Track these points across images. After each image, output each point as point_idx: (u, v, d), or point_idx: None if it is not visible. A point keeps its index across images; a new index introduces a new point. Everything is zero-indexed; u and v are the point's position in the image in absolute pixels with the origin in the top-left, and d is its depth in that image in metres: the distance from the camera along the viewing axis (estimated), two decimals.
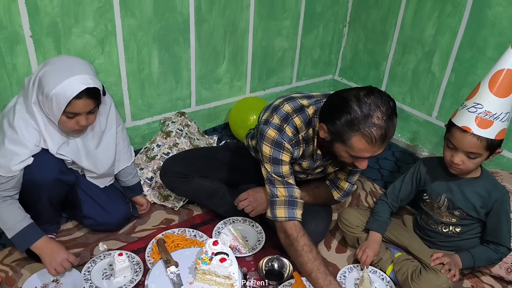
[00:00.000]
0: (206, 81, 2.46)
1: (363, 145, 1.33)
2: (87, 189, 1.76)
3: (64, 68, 1.47)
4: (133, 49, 2.12)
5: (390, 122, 1.31)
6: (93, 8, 1.93)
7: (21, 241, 1.53)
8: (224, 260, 1.34)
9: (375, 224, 1.75)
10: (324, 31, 2.86)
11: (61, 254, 1.53)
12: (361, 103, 1.30)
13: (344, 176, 1.74)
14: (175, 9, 2.16)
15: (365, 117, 1.30)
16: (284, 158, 1.53)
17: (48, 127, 1.54)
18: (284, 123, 1.52)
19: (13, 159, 1.46)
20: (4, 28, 1.76)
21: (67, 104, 1.45)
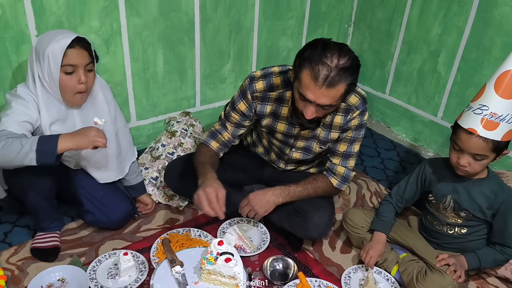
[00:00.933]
0: (211, 80, 2.46)
1: (308, 80, 1.41)
2: (84, 184, 1.75)
3: (54, 32, 1.56)
4: (138, 49, 2.12)
5: (340, 72, 1.38)
6: (99, 8, 1.93)
7: (46, 148, 1.39)
8: (229, 260, 1.34)
9: (379, 224, 1.74)
10: (329, 30, 2.85)
11: (89, 132, 1.45)
12: (325, 47, 1.40)
13: (339, 160, 1.74)
14: (180, 8, 2.16)
15: (320, 55, 1.38)
16: (240, 106, 1.72)
17: (48, 99, 1.56)
18: (261, 78, 1.68)
19: (22, 116, 1.49)
20: (10, 27, 1.76)
21: (63, 55, 1.48)
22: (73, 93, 1.57)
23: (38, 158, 1.37)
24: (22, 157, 1.37)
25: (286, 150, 1.81)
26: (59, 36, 1.51)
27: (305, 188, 1.72)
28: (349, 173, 1.77)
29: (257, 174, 1.95)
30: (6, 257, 1.69)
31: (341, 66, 1.38)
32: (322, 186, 1.75)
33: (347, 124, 1.68)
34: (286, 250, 1.82)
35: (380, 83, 2.83)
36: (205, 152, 1.78)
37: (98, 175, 1.77)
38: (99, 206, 1.76)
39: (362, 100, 1.66)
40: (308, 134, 1.73)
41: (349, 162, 1.75)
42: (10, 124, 1.46)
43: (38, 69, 1.53)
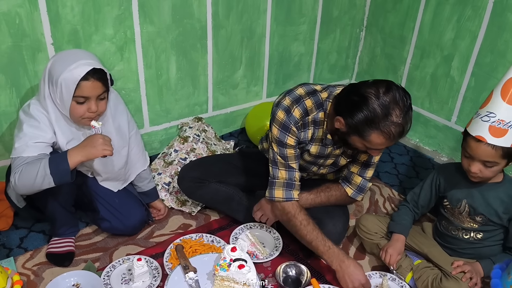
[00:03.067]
0: (223, 86, 2.47)
1: (381, 140, 1.40)
2: (101, 193, 1.78)
3: (70, 56, 1.52)
4: (152, 56, 2.15)
5: (407, 117, 1.37)
6: (113, 16, 1.95)
7: (59, 168, 1.44)
8: (243, 267, 1.34)
9: (398, 226, 1.73)
10: (341, 35, 2.85)
11: (95, 141, 1.48)
12: (380, 101, 1.35)
13: (357, 169, 1.73)
14: (193, 15, 2.18)
15: (385, 116, 1.35)
16: (289, 141, 1.60)
17: (59, 120, 1.55)
18: (294, 105, 1.58)
19: (32, 139, 1.48)
20: (27, 36, 1.80)
21: (76, 86, 1.46)
22: (82, 118, 1.56)
23: (55, 180, 1.44)
24: (40, 183, 1.43)
25: (313, 168, 1.80)
26: (74, 64, 1.47)
27: (318, 196, 1.72)
28: (365, 183, 1.76)
29: None
30: (22, 262, 1.72)
31: (405, 113, 1.37)
32: (335, 194, 1.75)
33: None
34: (299, 256, 1.81)
35: None
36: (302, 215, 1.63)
37: (105, 183, 1.79)
38: (115, 213, 1.78)
39: None
40: (339, 152, 1.72)
41: (368, 172, 1.74)
42: (23, 148, 1.48)
43: (50, 90, 1.52)
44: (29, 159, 1.46)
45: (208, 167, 1.93)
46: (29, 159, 1.46)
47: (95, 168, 1.71)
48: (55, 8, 1.80)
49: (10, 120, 1.92)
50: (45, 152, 1.50)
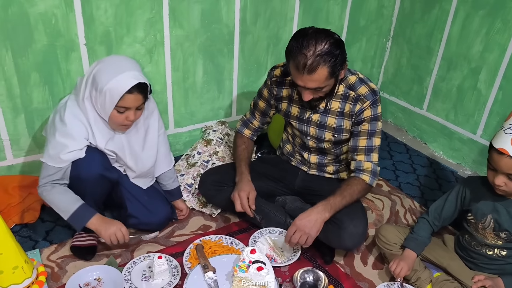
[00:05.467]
0: (248, 91, 2.50)
1: (293, 70, 1.58)
2: (131, 189, 1.83)
3: (117, 65, 1.57)
4: (179, 59, 2.19)
5: (318, 58, 1.52)
6: (144, 19, 2.01)
7: (77, 220, 1.62)
8: (261, 269, 1.36)
9: (412, 242, 1.71)
10: (367, 44, 2.85)
11: (113, 226, 1.65)
12: (303, 37, 1.54)
13: (362, 156, 1.78)
14: (221, 21, 2.22)
15: (299, 47, 1.53)
16: (264, 92, 1.92)
17: (97, 122, 1.61)
18: (280, 67, 1.84)
19: (63, 150, 1.55)
20: (62, 36, 1.87)
21: (120, 98, 1.53)
22: (119, 125, 1.64)
23: (69, 221, 1.63)
24: (58, 211, 1.63)
25: (304, 139, 1.90)
26: (120, 76, 1.53)
27: (343, 196, 1.73)
28: (376, 167, 1.79)
29: (290, 184, 1.98)
30: (47, 254, 1.77)
31: (318, 53, 1.51)
32: (357, 188, 1.76)
33: (360, 115, 1.73)
34: (317, 262, 1.81)
35: (417, 98, 2.79)
36: (241, 143, 1.99)
37: (136, 180, 1.84)
38: (143, 210, 1.83)
39: (371, 91, 1.72)
40: (317, 120, 1.80)
41: (373, 156, 1.79)
42: (56, 160, 1.57)
43: (92, 94, 1.57)
44: (58, 173, 1.58)
45: (227, 171, 1.96)
46: (57, 174, 1.58)
47: (129, 165, 1.76)
48: (90, 10, 1.87)
49: (42, 117, 1.99)
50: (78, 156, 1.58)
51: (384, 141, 2.81)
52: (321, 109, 1.78)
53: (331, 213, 1.69)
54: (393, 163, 2.59)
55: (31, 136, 2.00)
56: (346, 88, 1.73)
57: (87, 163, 1.60)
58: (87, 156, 1.60)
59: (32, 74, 1.88)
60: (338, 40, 1.58)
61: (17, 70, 1.84)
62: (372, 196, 2.26)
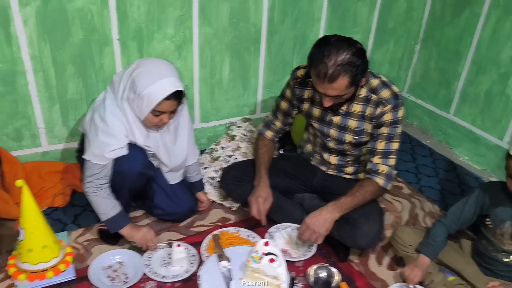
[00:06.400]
0: (273, 89, 2.55)
1: (314, 77, 1.61)
2: (160, 182, 1.92)
3: (156, 71, 1.62)
4: (207, 56, 2.26)
5: (338, 68, 1.54)
6: (175, 16, 2.09)
7: (112, 225, 1.74)
8: (273, 261, 1.40)
9: (427, 248, 1.71)
10: (395, 46, 2.85)
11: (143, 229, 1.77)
12: (326, 46, 1.56)
13: (379, 159, 1.78)
14: (249, 20, 2.28)
15: (320, 55, 1.56)
16: (287, 93, 1.94)
17: (135, 121, 1.69)
18: (303, 68, 1.84)
19: (106, 148, 1.63)
20: (96, 31, 1.97)
21: (157, 104, 1.60)
22: (153, 126, 1.72)
23: (105, 223, 1.74)
24: (97, 213, 1.74)
25: (324, 140, 1.91)
26: (159, 82, 1.58)
27: (355, 196, 1.75)
28: (391, 171, 1.79)
29: (308, 182, 2.01)
30: (74, 236, 1.88)
31: (339, 63, 1.54)
32: (370, 189, 1.77)
33: (380, 118, 1.73)
34: (331, 259, 1.84)
35: (444, 102, 2.77)
36: (262, 146, 2.01)
37: (168, 175, 1.93)
38: (168, 201, 1.91)
39: (393, 95, 1.72)
40: (339, 122, 1.82)
41: (390, 160, 1.78)
42: (100, 158, 1.64)
43: (130, 96, 1.64)
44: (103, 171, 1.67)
45: (248, 167, 2.01)
46: (102, 172, 1.67)
47: (163, 160, 1.85)
48: (124, 6, 1.96)
49: (75, 107, 2.10)
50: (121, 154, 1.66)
51: (408, 144, 2.80)
52: (343, 112, 1.80)
53: (341, 213, 1.72)
54: (415, 166, 2.58)
55: (64, 125, 2.11)
56: (368, 91, 1.74)
57: (129, 161, 1.69)
58: (129, 154, 1.69)
59: (68, 67, 1.99)
60: (360, 50, 1.59)
61: (54, 62, 1.95)
62: (391, 198, 2.27)
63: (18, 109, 1.99)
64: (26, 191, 1.52)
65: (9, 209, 1.86)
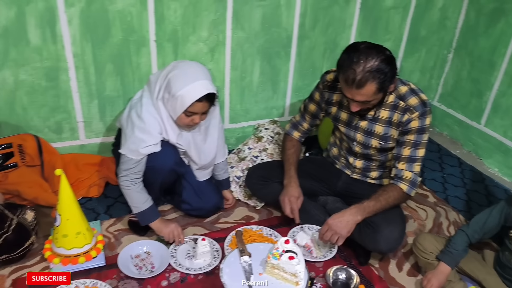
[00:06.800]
0: (301, 93, 2.59)
1: (342, 83, 1.65)
2: (189, 178, 1.99)
3: (190, 73, 1.70)
4: (239, 59, 2.34)
5: (367, 74, 1.57)
6: (209, 20, 2.17)
7: (143, 218, 1.83)
8: (293, 258, 1.44)
9: (447, 256, 1.71)
10: (426, 55, 2.84)
11: (172, 224, 1.85)
12: (355, 52, 1.59)
13: (404, 165, 1.79)
14: (281, 25, 2.33)
15: (349, 61, 1.59)
16: (315, 96, 1.98)
17: (169, 119, 1.78)
18: (333, 72, 1.86)
19: (141, 144, 1.72)
20: (135, 32, 2.07)
21: (189, 105, 1.68)
22: (185, 125, 1.79)
23: (137, 216, 1.84)
24: (129, 205, 1.84)
25: (351, 144, 1.94)
26: (193, 84, 1.66)
27: (378, 201, 1.77)
28: (416, 177, 1.79)
29: (332, 185, 2.04)
30: (106, 226, 1.98)
31: (367, 69, 1.56)
32: (393, 195, 1.79)
33: (407, 125, 1.74)
34: (351, 262, 1.87)
35: (475, 112, 2.74)
36: (290, 146, 2.05)
37: (198, 172, 2.00)
38: (195, 198, 1.99)
39: (421, 102, 1.73)
40: (365, 127, 1.84)
41: (415, 167, 1.79)
42: (135, 153, 1.73)
43: (165, 96, 1.73)
44: (138, 166, 1.76)
45: (273, 168, 2.07)
46: (137, 167, 1.76)
47: (193, 158, 1.93)
48: (161, 9, 2.06)
49: (112, 104, 2.21)
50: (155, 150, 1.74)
51: (437, 153, 2.78)
52: (370, 117, 1.82)
53: (363, 216, 1.75)
54: (443, 176, 2.56)
55: (101, 120, 2.23)
56: (396, 98, 1.76)
57: (162, 157, 1.78)
58: (162, 150, 1.77)
59: (107, 65, 2.10)
60: (389, 57, 1.61)
61: (94, 60, 2.07)
62: (416, 206, 2.27)
63: (59, 104, 2.11)
64: (64, 180, 1.62)
65: (48, 197, 1.98)
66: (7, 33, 1.87)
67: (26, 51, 1.93)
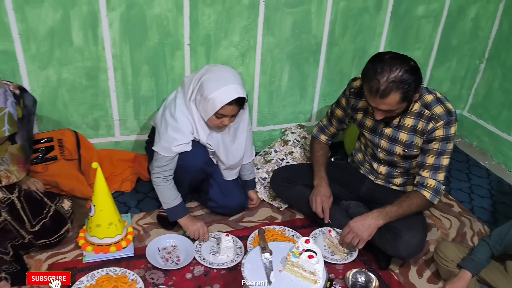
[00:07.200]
0: (329, 99, 2.63)
1: (367, 92, 1.68)
2: (216, 177, 2.07)
3: (222, 78, 1.79)
4: (268, 64, 2.40)
5: (390, 84, 1.59)
6: (241, 26, 2.25)
7: (173, 214, 1.92)
8: (312, 257, 1.48)
9: (469, 263, 1.71)
10: (457, 65, 2.83)
11: (198, 223, 1.93)
12: (379, 62, 1.62)
13: (428, 173, 1.80)
14: (311, 31, 2.39)
15: (373, 72, 1.62)
16: (342, 101, 2.02)
17: (200, 120, 1.86)
18: (359, 79, 1.86)
19: (173, 142, 1.81)
20: (170, 36, 2.17)
21: (220, 108, 1.76)
22: (215, 126, 1.88)
23: (166, 211, 1.92)
24: (161, 199, 1.92)
25: (375, 150, 1.96)
26: (224, 88, 1.74)
27: (400, 206, 1.79)
28: (439, 186, 1.80)
29: (356, 190, 2.07)
30: (136, 219, 2.08)
31: (391, 80, 1.59)
32: (416, 201, 1.80)
33: (432, 133, 1.76)
34: (371, 266, 1.89)
35: (506, 124, 2.70)
36: (319, 148, 2.13)
37: (226, 172, 2.08)
38: (221, 196, 2.06)
39: (446, 111, 1.74)
40: (390, 134, 1.86)
41: (439, 175, 1.80)
42: (168, 151, 1.81)
43: (197, 98, 1.82)
44: (170, 164, 1.84)
45: (298, 170, 2.12)
46: (170, 164, 1.84)
47: (221, 158, 2.01)
48: (196, 15, 2.15)
49: (146, 104, 2.32)
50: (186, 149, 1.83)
51: (465, 164, 2.76)
52: (394, 124, 1.85)
53: (385, 220, 1.77)
54: (469, 186, 2.54)
55: (136, 118, 2.34)
56: (422, 106, 1.78)
57: (192, 157, 1.86)
58: (193, 150, 1.86)
59: (143, 66, 2.21)
60: (413, 67, 1.63)
61: (131, 62, 2.18)
62: (440, 214, 2.26)
63: (97, 102, 2.24)
64: (100, 172, 1.73)
65: (83, 189, 2.10)
66: (53, 34, 2.01)
67: (70, 51, 2.06)
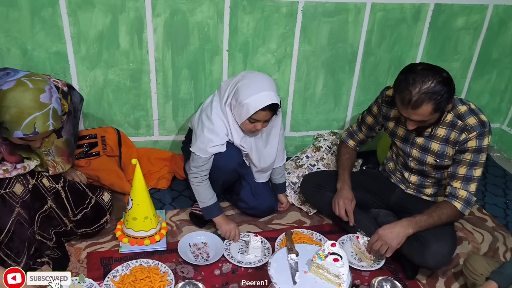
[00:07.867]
0: (363, 108, 2.61)
1: (398, 103, 1.69)
2: (248, 179, 2.14)
3: (257, 84, 1.86)
4: (303, 71, 2.45)
5: (422, 96, 1.60)
6: (278, 33, 2.32)
7: (208, 212, 1.99)
8: (337, 261, 1.51)
9: (498, 276, 1.69)
10: (497, 77, 2.78)
11: (231, 224, 1.99)
12: (411, 74, 1.63)
13: (459, 184, 1.80)
14: (347, 40, 2.42)
15: (406, 83, 1.63)
16: (374, 109, 2.05)
17: (234, 123, 1.94)
18: (391, 87, 1.82)
19: (209, 144, 1.89)
20: (210, 42, 2.26)
21: (254, 113, 1.82)
22: (248, 131, 1.95)
23: (202, 209, 2.00)
24: (198, 198, 2.00)
25: (406, 159, 1.96)
26: (259, 94, 1.80)
27: (430, 216, 1.79)
28: (471, 197, 1.79)
29: (386, 198, 2.08)
30: (170, 215, 2.17)
31: (423, 91, 1.61)
32: (446, 212, 1.80)
33: (464, 144, 1.75)
34: (398, 275, 1.90)
35: None
36: (345, 152, 2.16)
37: (258, 174, 2.14)
38: (252, 198, 2.13)
39: (480, 123, 1.74)
40: (421, 143, 1.87)
41: (470, 186, 1.79)
42: (204, 151, 1.89)
43: (232, 102, 1.89)
44: (207, 164, 1.92)
45: (328, 177, 2.15)
46: (206, 165, 1.92)
47: (254, 161, 2.07)
48: (235, 22, 2.24)
49: (184, 106, 2.42)
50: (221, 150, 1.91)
51: (502, 179, 2.70)
52: (426, 134, 1.86)
53: (415, 229, 1.77)
54: (505, 202, 2.49)
55: (174, 119, 2.45)
56: (455, 117, 1.78)
57: (226, 158, 1.94)
58: (227, 151, 1.94)
59: (183, 70, 2.31)
60: (446, 78, 1.64)
61: (173, 65, 2.29)
62: (472, 228, 2.23)
63: (139, 102, 2.36)
64: (138, 168, 1.83)
65: (123, 184, 2.22)
66: (102, 37, 2.14)
67: (116, 54, 2.19)
